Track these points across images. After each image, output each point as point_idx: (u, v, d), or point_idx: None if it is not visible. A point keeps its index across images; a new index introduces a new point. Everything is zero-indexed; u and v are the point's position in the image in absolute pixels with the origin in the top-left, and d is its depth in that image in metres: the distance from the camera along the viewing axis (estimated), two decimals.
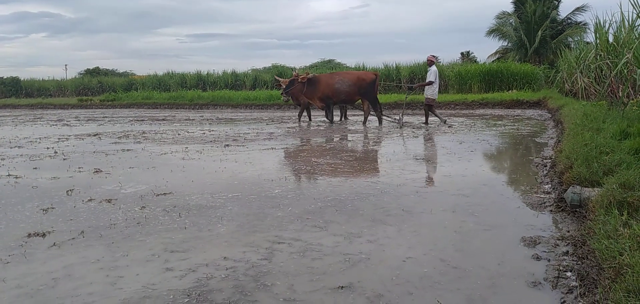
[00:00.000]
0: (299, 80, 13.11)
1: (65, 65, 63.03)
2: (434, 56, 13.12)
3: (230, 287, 2.90)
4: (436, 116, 12.91)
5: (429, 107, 12.73)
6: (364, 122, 13.02)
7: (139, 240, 3.76)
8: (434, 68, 12.69)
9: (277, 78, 15.09)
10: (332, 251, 3.45)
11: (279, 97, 17.37)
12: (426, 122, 12.73)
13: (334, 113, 13.83)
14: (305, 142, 10.02)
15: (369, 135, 10.72)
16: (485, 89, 22.81)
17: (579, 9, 27.68)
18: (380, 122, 13.01)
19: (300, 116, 14.46)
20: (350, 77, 13.27)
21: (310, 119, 14.43)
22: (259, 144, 9.59)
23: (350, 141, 9.90)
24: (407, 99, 14.54)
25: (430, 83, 12.52)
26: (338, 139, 10.20)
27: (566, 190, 4.44)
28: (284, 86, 13.63)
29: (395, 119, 13.14)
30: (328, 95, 13.06)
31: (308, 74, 13.34)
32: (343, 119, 14.53)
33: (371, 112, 13.24)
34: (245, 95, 25.72)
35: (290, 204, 4.74)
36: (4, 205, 4.87)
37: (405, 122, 12.82)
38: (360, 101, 13.28)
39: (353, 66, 30.37)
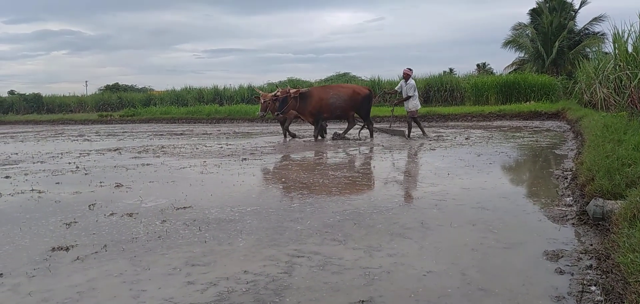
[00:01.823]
0: (292, 94, 12.29)
1: (86, 81, 64.22)
2: (410, 69, 12.84)
3: (251, 301, 2.92)
4: (409, 128, 12.91)
5: (413, 119, 12.81)
6: (359, 134, 12.76)
7: (161, 254, 3.81)
8: (412, 82, 12.72)
9: (259, 91, 13.79)
10: (352, 265, 3.45)
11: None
12: (424, 133, 12.79)
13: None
14: (321, 155, 10.04)
15: (383, 148, 10.70)
16: (502, 100, 22.61)
17: (597, 20, 27.37)
18: (371, 135, 12.81)
19: (286, 130, 13.44)
20: (345, 91, 12.86)
21: (285, 137, 13.53)
22: (275, 157, 9.64)
23: (365, 154, 9.89)
24: (394, 112, 14.26)
25: (409, 98, 12.55)
26: (353, 152, 10.20)
27: (588, 203, 4.38)
28: (263, 101, 12.78)
29: (400, 129, 13.01)
30: (322, 110, 12.43)
31: (299, 88, 12.69)
32: (324, 134, 13.77)
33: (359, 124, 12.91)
34: None
35: (309, 218, 4.76)
36: (28, 219, 4.97)
37: (420, 134, 12.78)
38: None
39: (368, 79, 30.38)
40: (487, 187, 6.07)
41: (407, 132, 12.73)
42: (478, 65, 38.73)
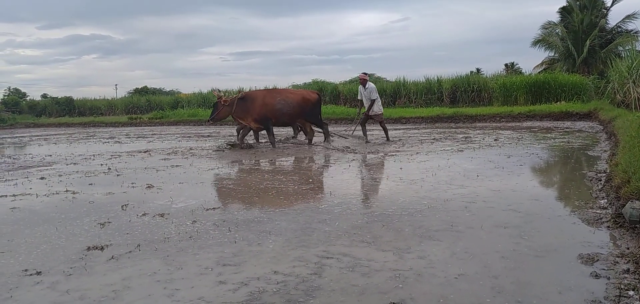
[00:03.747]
0: (222, 102, 11.50)
1: (116, 85, 65.87)
2: (365, 74, 12.56)
3: (283, 301, 2.94)
4: (385, 131, 12.82)
5: (380, 122, 12.69)
6: (310, 142, 12.13)
7: (192, 254, 3.87)
8: (371, 85, 12.52)
9: (216, 94, 12.59)
10: (382, 267, 3.45)
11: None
12: (388, 137, 12.66)
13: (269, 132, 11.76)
14: (346, 156, 10.03)
15: (408, 150, 10.63)
16: (531, 100, 22.21)
17: (630, 17, 26.67)
18: (326, 138, 12.25)
19: (242, 138, 11.91)
20: (294, 97, 11.95)
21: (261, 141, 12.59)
22: (301, 158, 9.68)
23: (390, 156, 9.85)
24: (360, 115, 13.72)
25: (373, 102, 12.34)
26: (378, 155, 10.17)
27: (624, 205, 4.27)
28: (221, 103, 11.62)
29: (363, 136, 12.66)
30: (266, 116, 11.49)
31: (240, 92, 11.98)
32: (296, 136, 13.36)
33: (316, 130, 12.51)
34: None
35: (337, 219, 4.76)
36: (63, 219, 5.11)
37: (447, 136, 12.66)
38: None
39: (393, 80, 30.22)
40: (517, 189, 5.97)
41: (366, 137, 12.53)
42: (506, 65, 38.15)
